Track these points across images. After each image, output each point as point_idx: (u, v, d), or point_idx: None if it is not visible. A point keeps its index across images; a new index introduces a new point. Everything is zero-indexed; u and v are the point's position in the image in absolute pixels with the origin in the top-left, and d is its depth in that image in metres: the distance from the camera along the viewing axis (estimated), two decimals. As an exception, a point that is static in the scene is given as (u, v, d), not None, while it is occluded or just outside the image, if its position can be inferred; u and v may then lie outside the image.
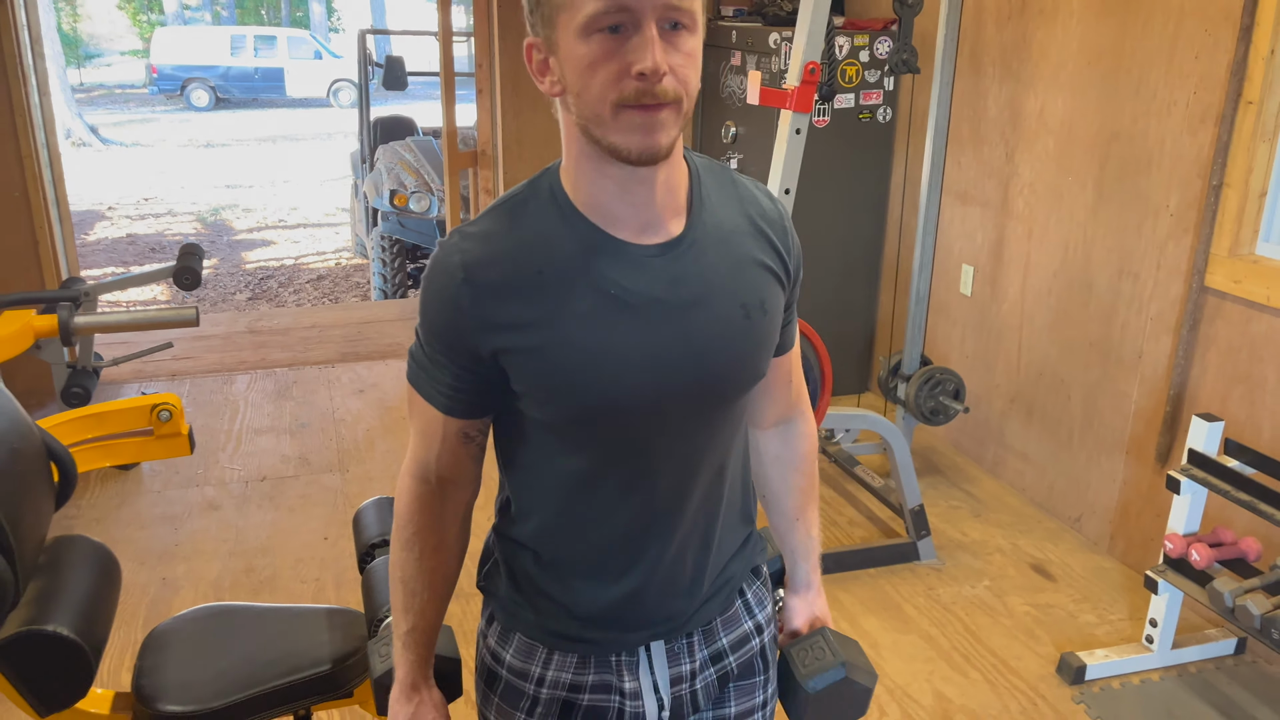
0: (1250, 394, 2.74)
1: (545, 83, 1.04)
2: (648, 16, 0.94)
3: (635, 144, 0.98)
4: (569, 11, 0.96)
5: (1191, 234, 2.86)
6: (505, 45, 4.48)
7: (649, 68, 0.94)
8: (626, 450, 1.10)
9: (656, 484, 1.13)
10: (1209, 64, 2.77)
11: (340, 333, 5.31)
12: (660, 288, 1.05)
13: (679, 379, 1.07)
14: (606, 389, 1.05)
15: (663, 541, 1.16)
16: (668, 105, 0.97)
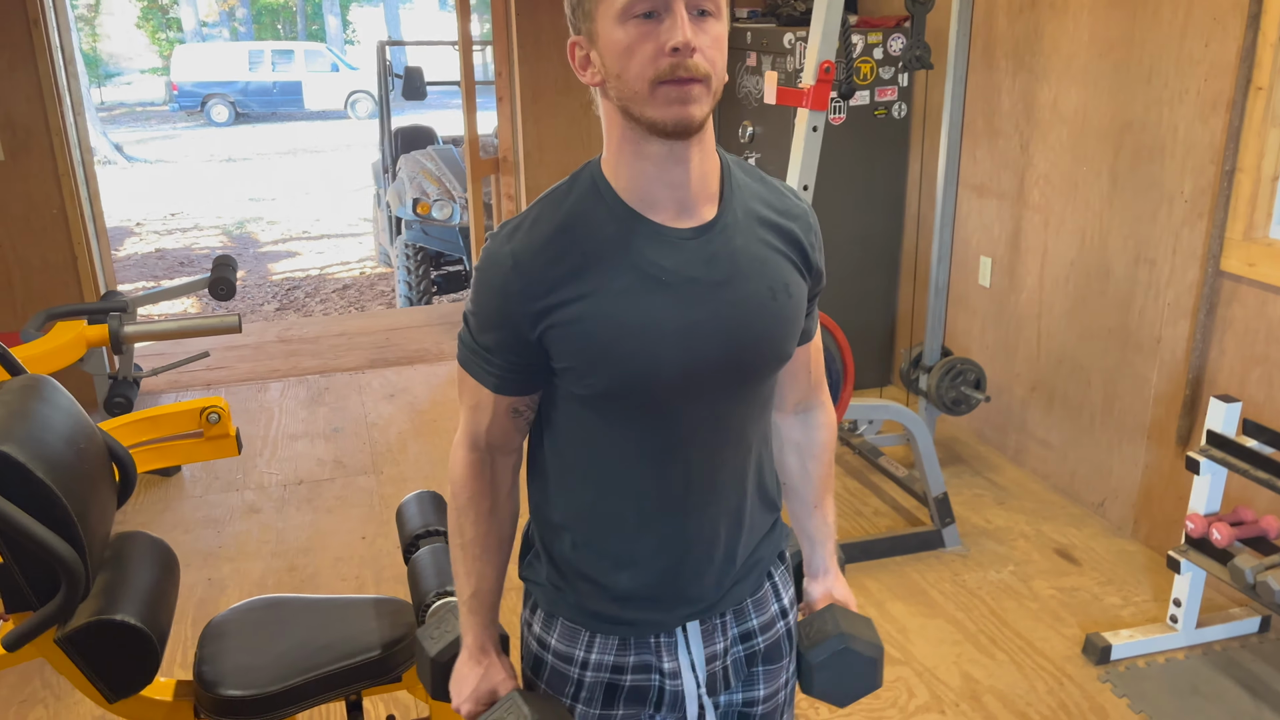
0: (1268, 375, 2.78)
1: (587, 75, 1.13)
2: (678, 1, 1.04)
3: (671, 116, 1.06)
4: (607, 2, 1.06)
5: (1206, 219, 2.91)
6: (524, 53, 4.57)
7: (681, 42, 1.03)
8: (661, 424, 1.17)
9: (690, 458, 1.20)
10: (1219, 51, 2.82)
11: (369, 340, 5.42)
12: (694, 267, 1.13)
13: (711, 353, 1.14)
14: (643, 361, 1.12)
15: (696, 518, 1.23)
16: (699, 81, 1.06)
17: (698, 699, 1.29)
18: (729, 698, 1.35)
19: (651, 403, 1.16)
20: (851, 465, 3.80)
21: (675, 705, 1.29)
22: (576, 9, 1.11)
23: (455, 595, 1.74)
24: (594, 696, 1.28)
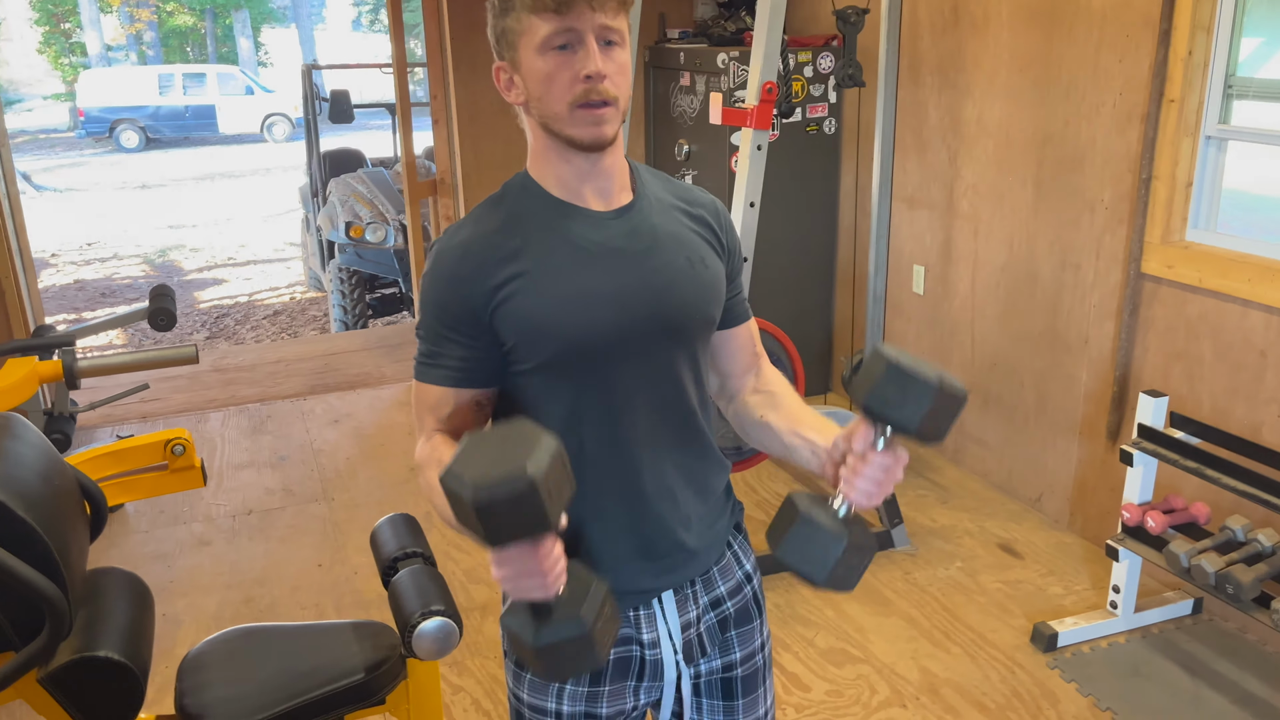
0: (1189, 370, 2.95)
1: (511, 95, 1.30)
2: (589, 35, 1.22)
3: (588, 134, 1.24)
4: (528, 35, 1.23)
5: (1126, 225, 3.08)
6: (460, 76, 4.60)
7: (593, 70, 1.21)
8: (604, 385, 1.29)
9: (635, 419, 1.31)
10: (1132, 67, 2.99)
11: (307, 365, 5.36)
12: (619, 240, 1.30)
13: (640, 313, 1.29)
14: (582, 325, 1.26)
15: (649, 473, 1.33)
16: (609, 104, 1.24)
17: (675, 665, 1.39)
18: (708, 665, 1.42)
19: (592, 366, 1.28)
20: (799, 472, 3.90)
21: (656, 674, 1.38)
22: (501, 38, 1.27)
23: (442, 610, 1.77)
24: (581, 675, 1.35)
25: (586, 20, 1.21)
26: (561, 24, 1.20)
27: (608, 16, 1.21)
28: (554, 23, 1.21)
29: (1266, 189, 3.09)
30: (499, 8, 1.26)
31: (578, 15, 1.20)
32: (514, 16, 1.24)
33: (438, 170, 4.86)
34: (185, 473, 2.20)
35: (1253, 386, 2.78)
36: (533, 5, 1.21)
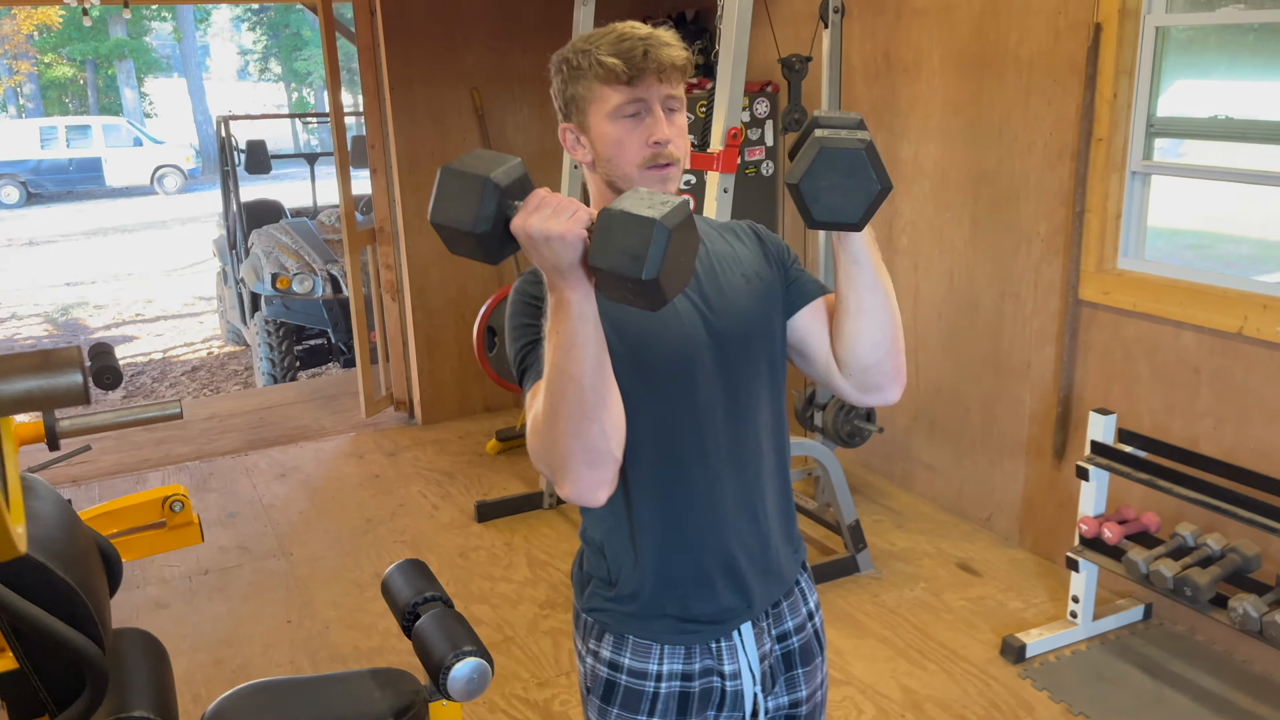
0: (1128, 389, 3.15)
1: (578, 155, 1.40)
2: (656, 103, 1.34)
3: None
4: (599, 103, 1.35)
5: (1062, 255, 3.28)
6: (400, 125, 4.62)
7: (662, 137, 1.34)
8: (686, 400, 1.36)
9: (718, 435, 1.38)
10: (1060, 108, 3.21)
11: (242, 420, 5.24)
12: None
13: (708, 331, 1.37)
14: (661, 344, 1.34)
15: (734, 494, 1.40)
16: (674, 164, 1.36)
17: (754, 696, 1.46)
18: (775, 701, 1.49)
19: (673, 381, 1.35)
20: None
21: (736, 704, 1.45)
22: (570, 103, 1.38)
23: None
24: (669, 708, 1.42)
25: (654, 91, 1.33)
26: (632, 95, 1.32)
27: (672, 87, 1.34)
28: (625, 94, 1.32)
29: (1194, 223, 3.34)
30: (568, 75, 1.36)
31: (647, 87, 1.32)
32: (584, 84, 1.34)
33: (376, 219, 4.84)
34: (183, 529, 2.16)
35: (1188, 402, 2.98)
36: (605, 77, 1.31)
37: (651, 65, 1.31)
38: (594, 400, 1.16)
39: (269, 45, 27.98)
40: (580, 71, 1.34)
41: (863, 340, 1.39)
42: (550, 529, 3.86)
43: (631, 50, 1.31)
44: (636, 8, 4.86)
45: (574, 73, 1.35)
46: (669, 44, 1.33)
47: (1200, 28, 3.00)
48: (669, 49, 1.32)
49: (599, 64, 1.32)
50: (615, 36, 1.33)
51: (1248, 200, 3.11)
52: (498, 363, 4.05)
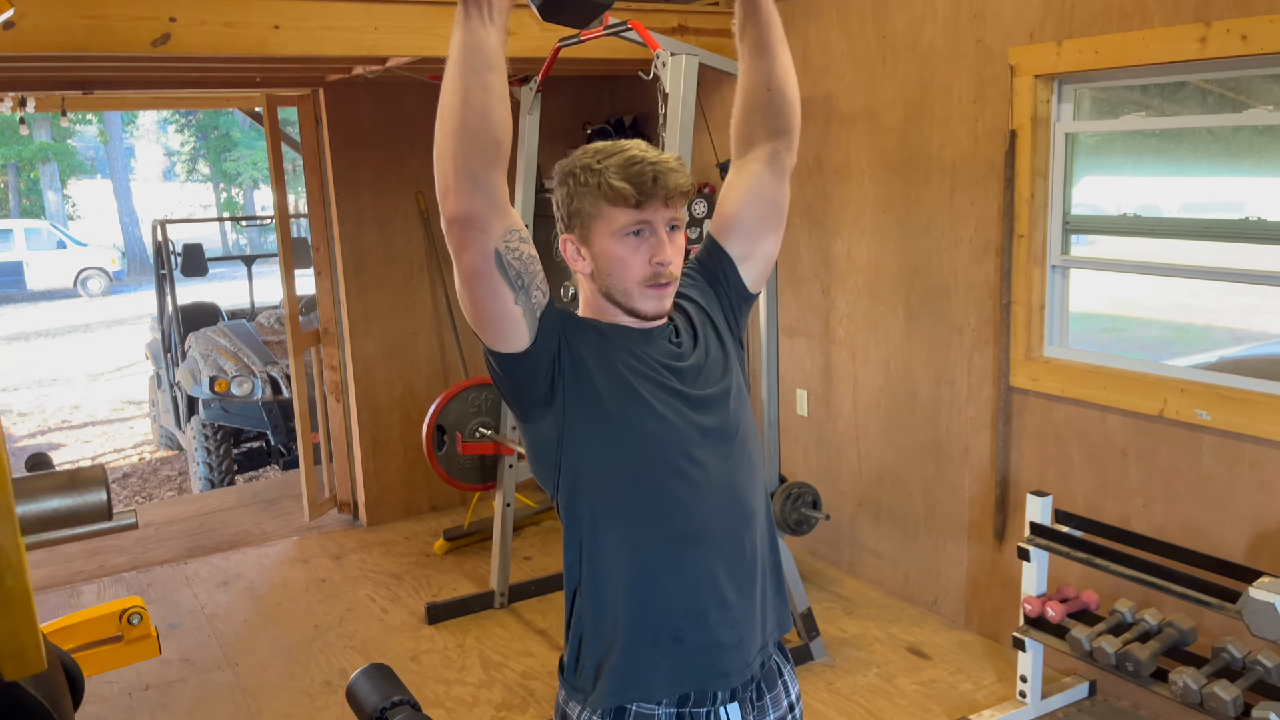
0: (1061, 471, 3.29)
1: (578, 266, 1.48)
2: (660, 225, 1.43)
3: (653, 308, 1.47)
4: (604, 221, 1.42)
5: (992, 344, 3.45)
6: (345, 230, 4.68)
7: (665, 258, 1.43)
8: (667, 470, 1.45)
9: (702, 500, 1.46)
10: (983, 207, 3.41)
11: (180, 528, 5.12)
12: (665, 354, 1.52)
13: (687, 403, 1.48)
14: (649, 422, 1.44)
15: (727, 558, 1.47)
16: (672, 282, 1.45)
17: None
18: None
19: (653, 445, 1.44)
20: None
21: None
22: (573, 217, 1.45)
23: None
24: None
25: (660, 215, 1.41)
26: (639, 217, 1.40)
27: (674, 210, 1.42)
28: (632, 215, 1.40)
29: (1110, 308, 3.55)
30: (574, 189, 1.42)
31: (653, 210, 1.40)
32: (591, 201, 1.41)
33: (321, 320, 4.86)
34: (141, 643, 2.12)
35: (1118, 482, 3.13)
36: (614, 198, 1.39)
37: (660, 191, 1.39)
38: (483, 67, 1.25)
39: (197, 146, 27.94)
40: (587, 189, 1.41)
41: (780, 63, 1.53)
42: (502, 629, 3.84)
43: (641, 175, 1.38)
44: (577, 114, 5.06)
45: (580, 189, 1.42)
46: (676, 170, 1.41)
47: (1107, 133, 3.24)
48: (676, 175, 1.41)
49: (609, 186, 1.39)
50: (625, 159, 1.40)
51: (1154, 286, 3.32)
52: (447, 461, 4.06)
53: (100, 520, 0.94)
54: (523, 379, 1.42)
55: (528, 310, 1.38)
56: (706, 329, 1.56)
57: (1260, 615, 2.37)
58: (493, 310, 1.36)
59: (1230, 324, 3.17)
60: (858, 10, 3.75)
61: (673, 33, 3.93)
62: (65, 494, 0.91)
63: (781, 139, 1.58)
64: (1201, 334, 3.26)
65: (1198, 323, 3.27)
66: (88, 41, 3.02)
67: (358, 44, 3.40)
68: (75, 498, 0.90)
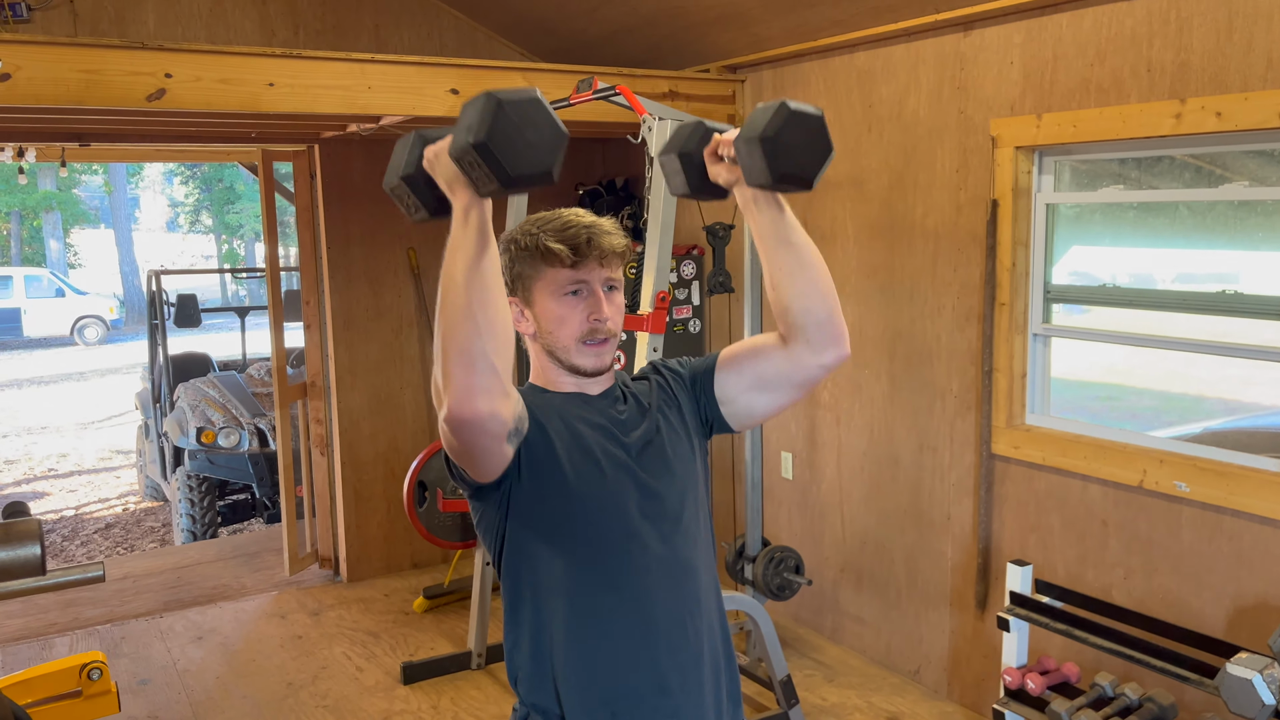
0: (1042, 540, 3.27)
1: (522, 326, 1.52)
2: (597, 284, 1.49)
3: (592, 364, 1.51)
4: (543, 282, 1.48)
5: (975, 411, 3.45)
6: (335, 283, 4.71)
7: (601, 315, 1.48)
8: (611, 537, 1.46)
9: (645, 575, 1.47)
10: (966, 274, 3.44)
11: (158, 580, 5.07)
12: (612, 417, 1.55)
13: (638, 488, 1.49)
14: (600, 487, 1.47)
15: (664, 658, 1.46)
16: (610, 339, 1.51)
17: None
18: None
19: (601, 515, 1.47)
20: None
21: None
22: (516, 280, 1.51)
23: None
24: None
25: (596, 274, 1.47)
26: (575, 276, 1.46)
27: (611, 270, 1.49)
28: (568, 275, 1.46)
29: (1091, 375, 3.55)
30: (515, 254, 1.48)
31: (588, 270, 1.47)
32: (530, 265, 1.47)
33: (309, 373, 4.87)
34: (100, 699, 2.09)
35: (1099, 553, 3.11)
36: (550, 259, 1.45)
37: (594, 252, 1.46)
38: (469, 300, 1.25)
39: (201, 198, 28.20)
40: (527, 253, 1.47)
41: (814, 290, 1.48)
42: (479, 691, 3.78)
43: (575, 237, 1.45)
44: (570, 175, 5.11)
45: (521, 253, 1.48)
46: (610, 232, 1.48)
47: (1087, 205, 3.28)
48: (610, 237, 1.48)
49: (545, 248, 1.45)
50: (561, 223, 1.47)
51: (1148, 355, 3.33)
52: (428, 518, 4.03)
53: (34, 574, 0.92)
54: (489, 484, 1.45)
55: (517, 441, 1.41)
56: (666, 410, 1.57)
57: (1238, 692, 2.34)
58: (490, 466, 1.40)
59: (1223, 395, 3.17)
60: (844, 80, 3.82)
61: (663, 98, 4.00)
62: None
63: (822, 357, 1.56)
64: (1194, 404, 3.26)
65: (1190, 393, 3.27)
66: (83, 95, 3.06)
67: (351, 102, 3.45)
68: (8, 551, 0.89)
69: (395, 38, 4.51)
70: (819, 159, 1.39)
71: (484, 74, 3.69)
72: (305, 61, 3.37)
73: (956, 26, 3.35)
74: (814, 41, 3.79)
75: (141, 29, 3.95)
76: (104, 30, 3.87)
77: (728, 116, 4.23)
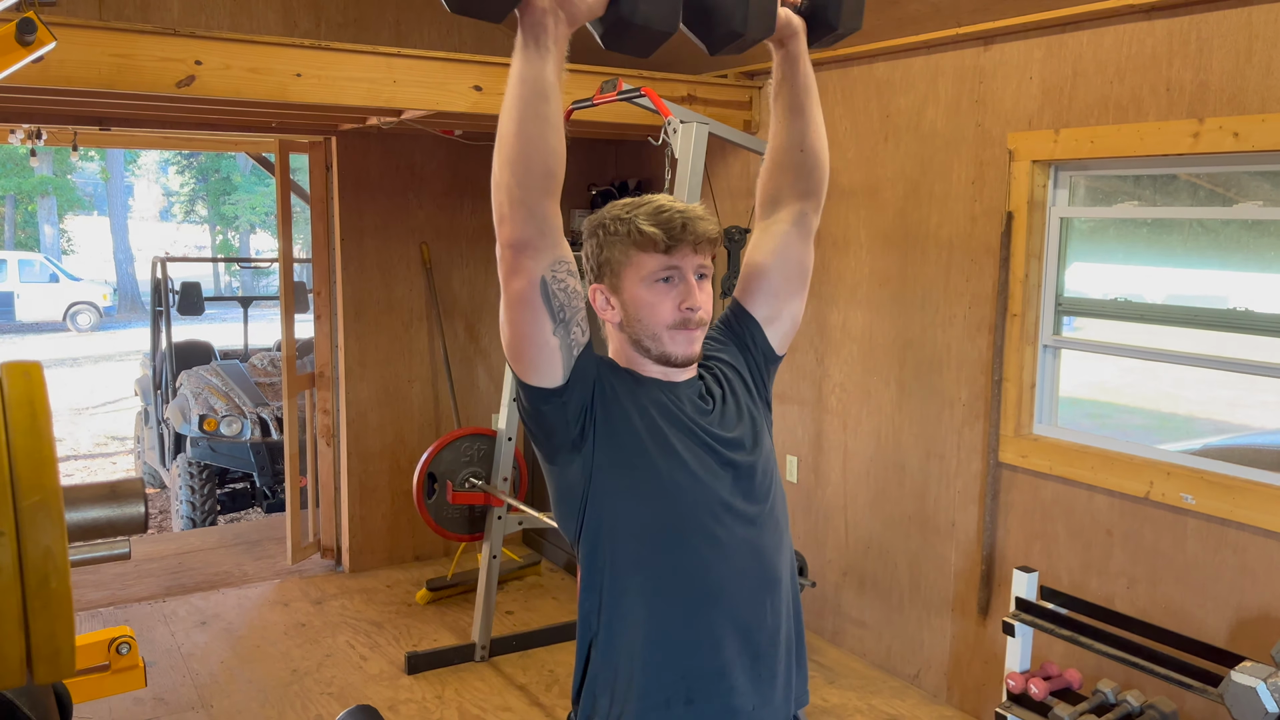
0: (1047, 548, 3.32)
1: (608, 314, 1.50)
2: (689, 271, 1.47)
3: (684, 352, 1.48)
4: (634, 268, 1.46)
5: (983, 420, 3.50)
6: (348, 274, 4.74)
7: (695, 304, 1.46)
8: (695, 525, 1.46)
9: (726, 560, 1.47)
10: (978, 285, 3.49)
11: (159, 565, 5.08)
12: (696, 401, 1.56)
13: (716, 454, 1.50)
14: (685, 484, 1.46)
15: (741, 636, 1.47)
16: (701, 327, 1.48)
17: None
18: None
19: (688, 516, 1.47)
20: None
21: None
22: (603, 266, 1.48)
23: None
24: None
25: (689, 261, 1.45)
26: (668, 262, 1.44)
27: (703, 257, 1.46)
28: (661, 261, 1.44)
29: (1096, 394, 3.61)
30: (604, 239, 1.47)
31: (681, 256, 1.44)
32: (620, 249, 1.45)
33: (317, 364, 4.89)
34: (128, 673, 2.11)
35: (1103, 561, 3.16)
36: (644, 244, 1.43)
37: (689, 237, 1.43)
38: (537, 97, 1.28)
39: (197, 188, 28.14)
40: (617, 237, 1.45)
41: (813, 125, 1.58)
42: (483, 682, 3.80)
43: (670, 221, 1.43)
44: (584, 175, 5.16)
45: (610, 238, 1.46)
46: (704, 218, 1.46)
47: (1099, 220, 3.33)
48: (704, 222, 1.46)
49: (639, 231, 1.43)
50: (654, 208, 1.45)
51: (1140, 376, 3.39)
52: (436, 509, 4.06)
53: (137, 532, 0.96)
54: (554, 417, 1.42)
55: (564, 344, 1.39)
56: (737, 390, 1.58)
57: (1242, 700, 2.39)
58: (530, 337, 1.37)
59: (1213, 416, 3.23)
60: (863, 89, 3.87)
61: (682, 101, 4.05)
62: (106, 504, 0.94)
63: (809, 200, 1.63)
64: (1185, 424, 3.32)
65: (1181, 413, 3.33)
66: (114, 79, 3.09)
67: (376, 95, 3.49)
68: (115, 509, 0.93)
69: (416, 33, 4.55)
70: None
71: (507, 71, 3.72)
72: (333, 53, 3.40)
73: (977, 41, 3.41)
74: (833, 50, 3.85)
75: (167, 15, 3.98)
76: (129, 16, 3.90)
77: (744, 123, 4.28)
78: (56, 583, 0.83)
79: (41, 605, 0.83)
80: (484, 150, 4.92)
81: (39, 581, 0.82)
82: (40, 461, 0.82)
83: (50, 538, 0.82)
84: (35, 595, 0.83)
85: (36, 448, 0.82)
